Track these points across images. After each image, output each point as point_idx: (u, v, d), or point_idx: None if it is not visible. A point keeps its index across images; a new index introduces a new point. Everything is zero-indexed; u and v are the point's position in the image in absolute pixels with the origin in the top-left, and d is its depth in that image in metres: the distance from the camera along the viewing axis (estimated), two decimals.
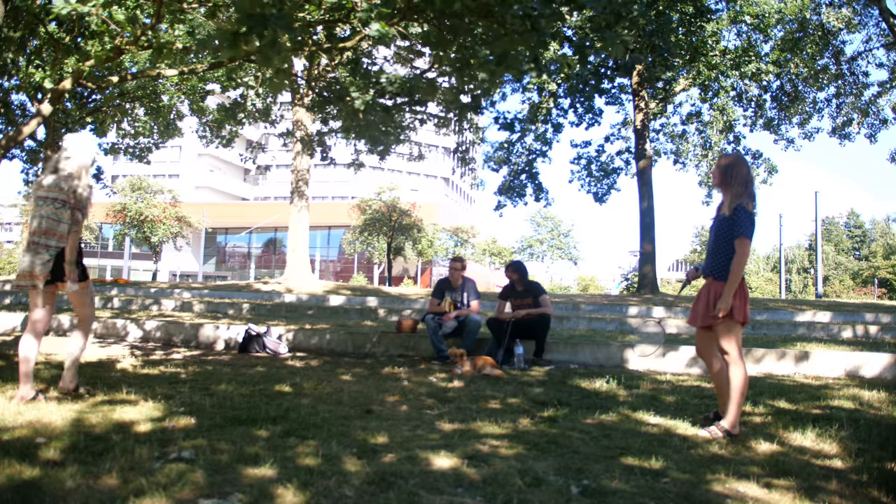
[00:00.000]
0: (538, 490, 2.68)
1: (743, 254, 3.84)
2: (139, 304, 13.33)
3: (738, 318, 3.86)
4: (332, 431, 3.55)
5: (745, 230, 3.83)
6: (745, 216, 3.84)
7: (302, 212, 19.71)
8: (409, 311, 12.05)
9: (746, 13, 18.75)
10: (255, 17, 3.41)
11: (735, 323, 3.88)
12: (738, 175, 3.94)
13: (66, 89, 8.57)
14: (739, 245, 3.84)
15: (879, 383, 5.81)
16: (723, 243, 3.93)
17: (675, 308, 13.37)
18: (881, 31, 20.46)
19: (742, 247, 3.84)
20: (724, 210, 3.97)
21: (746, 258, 3.85)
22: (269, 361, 6.90)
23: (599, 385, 5.50)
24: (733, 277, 3.82)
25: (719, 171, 4.04)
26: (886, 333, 9.97)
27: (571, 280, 67.28)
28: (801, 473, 3.05)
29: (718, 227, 4.00)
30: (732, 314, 3.85)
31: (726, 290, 3.83)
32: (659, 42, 17.26)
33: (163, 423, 3.61)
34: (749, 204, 3.87)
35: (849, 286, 58.51)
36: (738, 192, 3.91)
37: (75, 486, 2.51)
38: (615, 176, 21.63)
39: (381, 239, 39.41)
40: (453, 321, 7.29)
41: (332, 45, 7.50)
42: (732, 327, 3.87)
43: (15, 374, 4.38)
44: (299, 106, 18.58)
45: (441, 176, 63.85)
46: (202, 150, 54.31)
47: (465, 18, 4.74)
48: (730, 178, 3.97)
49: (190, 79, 17.81)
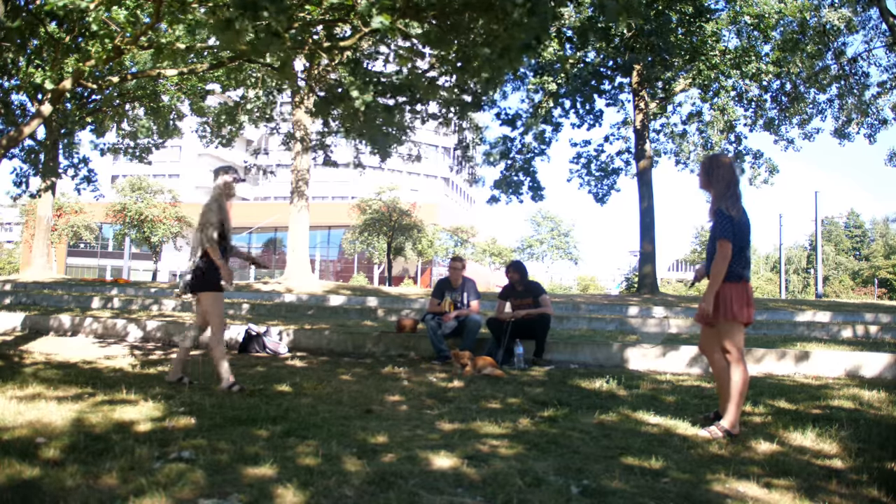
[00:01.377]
0: (538, 490, 2.68)
1: (723, 256, 3.85)
2: (139, 304, 13.32)
3: (741, 318, 3.86)
4: (332, 431, 3.55)
5: (723, 232, 3.85)
6: (723, 219, 3.87)
7: (302, 212, 19.72)
8: (408, 311, 12.04)
9: (746, 13, 18.75)
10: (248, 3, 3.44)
11: (737, 323, 3.88)
12: (719, 177, 3.95)
13: (66, 89, 8.56)
14: (720, 247, 3.87)
15: (879, 383, 5.81)
16: (712, 245, 3.98)
17: (675, 308, 13.38)
18: (881, 31, 20.47)
19: (722, 248, 3.85)
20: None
21: (727, 260, 3.85)
22: (268, 361, 6.90)
23: (599, 385, 5.50)
24: (713, 279, 3.88)
25: (703, 172, 4.07)
26: (886, 333, 9.96)
27: (571, 280, 67.28)
28: (801, 473, 3.05)
29: (711, 231, 4.05)
30: (734, 314, 3.85)
31: (708, 289, 3.89)
32: (658, 42, 17.27)
33: (163, 423, 3.61)
34: (730, 206, 3.88)
35: (849, 286, 58.50)
36: (720, 194, 3.94)
37: (75, 486, 2.51)
38: (615, 177, 21.61)
39: (381, 239, 39.41)
40: (453, 321, 7.29)
41: (333, 45, 7.49)
42: (734, 327, 3.88)
43: (15, 374, 4.38)
44: (299, 107, 18.58)
45: (441, 176, 63.82)
46: (202, 150, 54.24)
47: (465, 15, 4.75)
48: (711, 180, 3.99)
49: (190, 79, 17.80)
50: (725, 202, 3.90)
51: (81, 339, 8.90)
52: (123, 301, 13.78)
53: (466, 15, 4.88)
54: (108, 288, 17.28)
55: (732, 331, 3.88)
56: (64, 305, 13.51)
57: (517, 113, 20.52)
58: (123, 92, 18.77)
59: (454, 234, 45.90)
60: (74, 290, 16.40)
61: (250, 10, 3.44)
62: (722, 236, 3.85)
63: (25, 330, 9.58)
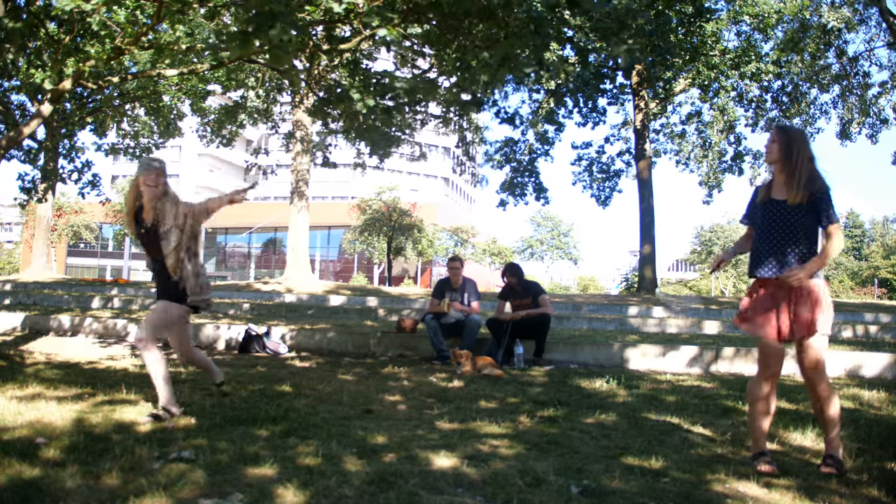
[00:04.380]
0: (538, 490, 2.68)
1: (840, 244, 3.19)
2: (139, 304, 13.32)
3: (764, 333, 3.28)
4: (332, 431, 3.55)
5: (837, 216, 3.20)
6: (830, 200, 3.17)
7: (302, 212, 19.72)
8: (409, 311, 12.05)
9: (746, 13, 18.76)
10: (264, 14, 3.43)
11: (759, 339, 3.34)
12: (804, 151, 3.22)
13: (67, 90, 8.57)
14: (836, 233, 3.17)
15: (879, 383, 5.81)
16: (798, 235, 3.20)
17: (675, 308, 13.38)
18: (882, 30, 20.47)
19: (839, 235, 3.18)
20: (787, 195, 3.22)
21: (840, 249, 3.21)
22: (269, 361, 6.91)
23: (599, 385, 5.50)
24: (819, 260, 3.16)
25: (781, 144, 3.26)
26: (886, 333, 9.96)
27: (571, 280, 67.28)
28: (801, 473, 3.05)
29: (782, 216, 3.23)
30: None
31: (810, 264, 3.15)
32: (659, 42, 17.26)
33: (163, 423, 3.61)
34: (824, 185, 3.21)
35: (848, 286, 58.48)
36: (814, 173, 3.20)
37: (75, 486, 2.52)
38: (617, 179, 21.63)
39: (381, 239, 39.38)
40: (457, 312, 7.27)
41: (332, 47, 7.50)
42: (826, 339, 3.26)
43: (15, 374, 4.38)
44: (299, 107, 18.58)
45: (441, 176, 63.81)
46: (202, 150, 54.26)
47: (465, 20, 4.76)
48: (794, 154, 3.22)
49: (190, 79, 17.80)
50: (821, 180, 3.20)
51: (81, 339, 8.90)
52: (123, 301, 13.78)
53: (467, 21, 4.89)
54: (108, 288, 17.28)
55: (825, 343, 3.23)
56: (64, 305, 13.51)
57: (516, 111, 20.56)
58: (124, 92, 18.77)
59: (454, 234, 45.89)
60: (74, 290, 16.40)
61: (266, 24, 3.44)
62: (837, 220, 3.17)
63: (25, 330, 9.58)
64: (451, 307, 7.31)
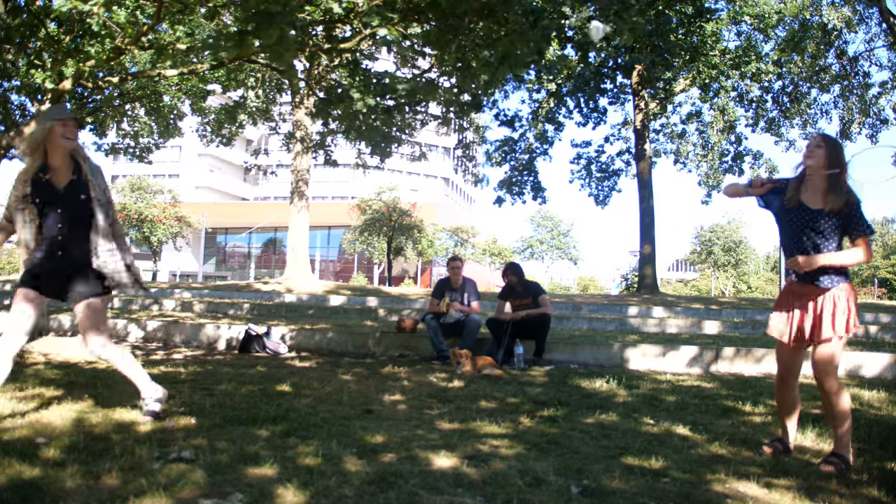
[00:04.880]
0: (538, 490, 2.68)
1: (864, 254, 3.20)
2: (139, 304, 13.33)
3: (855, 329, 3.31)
4: (332, 431, 3.55)
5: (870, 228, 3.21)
6: (862, 211, 3.20)
7: (302, 212, 19.73)
8: (409, 311, 12.05)
9: (746, 13, 18.76)
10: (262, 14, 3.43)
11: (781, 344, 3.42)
12: (844, 162, 3.22)
13: (67, 90, 8.57)
14: (864, 247, 3.20)
15: (879, 383, 5.80)
16: (829, 242, 3.24)
17: (675, 308, 13.38)
18: (882, 30, 20.46)
19: (866, 247, 3.20)
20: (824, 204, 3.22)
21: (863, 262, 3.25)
22: (269, 361, 6.91)
23: (599, 385, 5.50)
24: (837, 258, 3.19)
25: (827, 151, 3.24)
26: (886, 333, 9.96)
27: (571, 280, 67.30)
28: (801, 473, 3.05)
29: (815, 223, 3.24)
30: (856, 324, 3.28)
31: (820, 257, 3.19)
32: (659, 42, 17.27)
33: (163, 423, 3.61)
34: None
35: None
36: (842, 185, 3.20)
37: (75, 486, 2.51)
38: (616, 178, 21.63)
39: (381, 239, 39.39)
40: (457, 312, 7.28)
41: (332, 47, 7.50)
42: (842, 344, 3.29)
43: (15, 374, 4.38)
44: (300, 107, 18.59)
45: (441, 176, 63.81)
46: (202, 150, 54.27)
47: (465, 19, 4.75)
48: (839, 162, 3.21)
49: (190, 79, 17.80)
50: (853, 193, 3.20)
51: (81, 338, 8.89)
52: (124, 301, 13.78)
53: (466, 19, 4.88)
54: None
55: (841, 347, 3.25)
56: (64, 305, 13.49)
57: (516, 114, 20.59)
58: (124, 92, 18.75)
59: (454, 234, 45.90)
60: None
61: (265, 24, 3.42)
62: (869, 233, 3.19)
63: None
64: (451, 307, 7.32)
